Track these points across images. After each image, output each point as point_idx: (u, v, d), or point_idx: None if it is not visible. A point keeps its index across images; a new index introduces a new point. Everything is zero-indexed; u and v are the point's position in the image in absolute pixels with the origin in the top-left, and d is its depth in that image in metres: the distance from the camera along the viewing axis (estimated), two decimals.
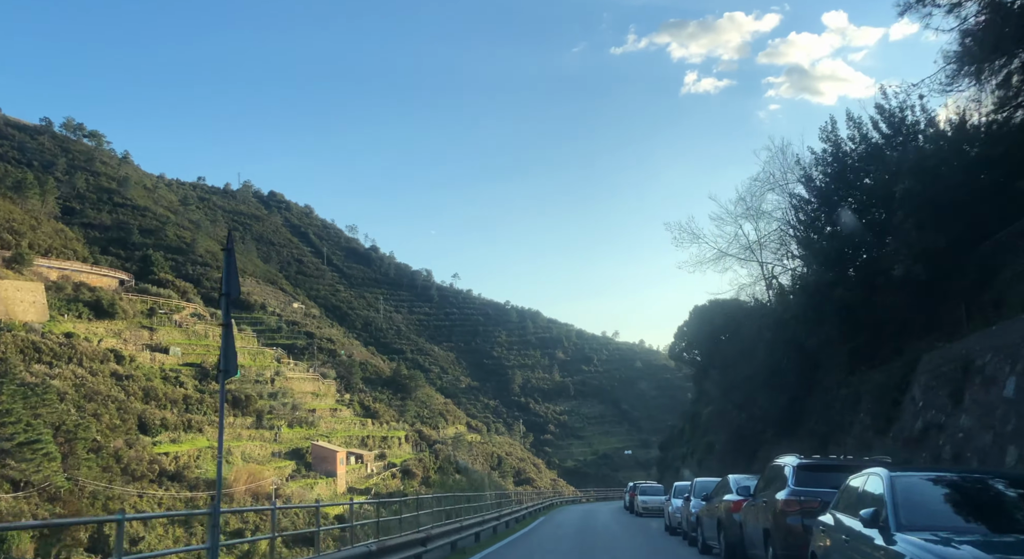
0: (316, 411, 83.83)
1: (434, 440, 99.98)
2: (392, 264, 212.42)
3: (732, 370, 33.10)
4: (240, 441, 67.28)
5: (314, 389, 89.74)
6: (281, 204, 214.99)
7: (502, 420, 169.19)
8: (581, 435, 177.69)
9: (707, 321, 42.73)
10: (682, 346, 49.33)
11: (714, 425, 40.30)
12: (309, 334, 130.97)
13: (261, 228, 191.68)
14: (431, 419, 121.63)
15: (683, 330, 48.62)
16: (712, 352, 41.98)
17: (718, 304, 41.10)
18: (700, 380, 48.03)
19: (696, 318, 46.01)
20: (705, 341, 43.77)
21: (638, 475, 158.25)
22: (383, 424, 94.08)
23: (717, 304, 41.42)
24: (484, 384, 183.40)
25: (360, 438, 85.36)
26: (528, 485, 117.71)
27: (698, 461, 40.65)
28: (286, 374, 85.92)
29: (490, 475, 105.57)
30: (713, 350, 41.42)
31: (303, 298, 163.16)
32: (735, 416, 33.09)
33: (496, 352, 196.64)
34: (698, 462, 40.55)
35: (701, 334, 44.49)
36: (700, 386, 48.70)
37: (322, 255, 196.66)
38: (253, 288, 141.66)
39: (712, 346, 41.88)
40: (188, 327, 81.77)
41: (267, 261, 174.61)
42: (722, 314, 39.99)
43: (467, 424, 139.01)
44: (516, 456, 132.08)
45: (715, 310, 41.58)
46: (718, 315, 40.68)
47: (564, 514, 46.78)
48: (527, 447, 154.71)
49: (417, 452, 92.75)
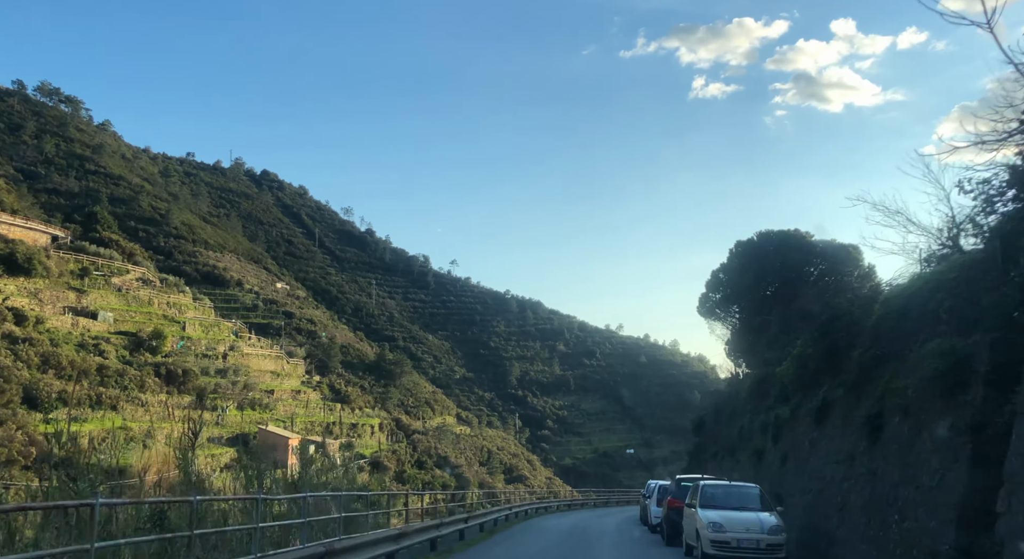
0: (275, 393, 73.96)
1: (414, 430, 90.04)
2: (388, 249, 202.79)
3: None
4: (169, 422, 57.36)
5: (276, 368, 79.90)
6: (274, 183, 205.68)
7: (497, 413, 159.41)
8: (580, 432, 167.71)
9: (757, 261, 32.86)
10: (715, 299, 39.09)
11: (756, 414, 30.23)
12: (288, 314, 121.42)
13: (250, 206, 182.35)
14: (416, 408, 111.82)
15: (719, 277, 38.35)
16: (761, 304, 32.06)
17: (778, 238, 31.15)
18: (739, 347, 37.88)
19: (741, 257, 36.01)
20: (750, 291, 33.81)
21: (639, 477, 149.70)
22: (355, 410, 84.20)
23: (773, 237, 31.49)
24: (479, 375, 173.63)
25: (325, 424, 75.46)
26: (520, 483, 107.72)
27: (737, 460, 30.41)
28: (243, 350, 76.08)
29: (476, 471, 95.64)
30: (763, 302, 31.50)
31: (289, 279, 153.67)
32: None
33: (493, 342, 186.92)
34: (735, 461, 30.31)
35: (745, 282, 34.51)
36: (740, 355, 38.54)
37: (314, 236, 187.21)
38: (232, 264, 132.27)
39: (761, 298, 32.00)
40: (130, 292, 71.99)
41: (254, 240, 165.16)
42: (783, 250, 30.14)
43: (457, 415, 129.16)
44: (509, 451, 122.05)
45: (773, 244, 31.72)
46: (773, 251, 30.76)
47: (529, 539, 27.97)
48: (522, 442, 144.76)
49: (392, 443, 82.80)
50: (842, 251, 33.32)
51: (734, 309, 38.37)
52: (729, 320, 38.76)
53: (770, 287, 35.16)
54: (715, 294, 38.54)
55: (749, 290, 36.41)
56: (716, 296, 38.52)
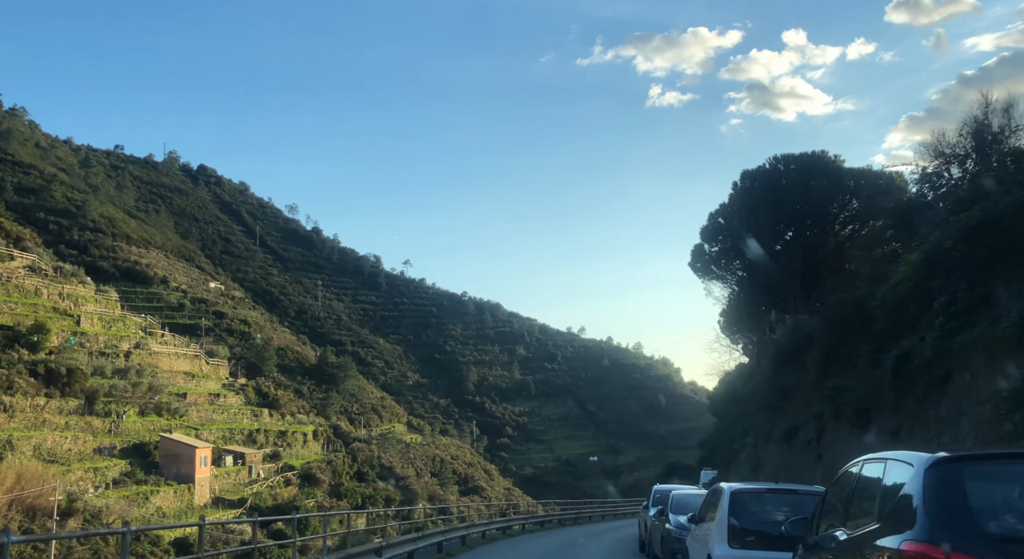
0: (188, 396, 63.22)
1: (354, 438, 79.68)
2: (336, 248, 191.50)
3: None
4: (43, 430, 46.67)
5: (193, 368, 69.07)
6: (211, 179, 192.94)
7: (453, 421, 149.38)
8: (542, 439, 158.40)
9: (771, 197, 24.08)
10: (712, 252, 30.06)
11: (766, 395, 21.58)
12: (219, 314, 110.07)
13: (184, 202, 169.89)
14: (361, 415, 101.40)
15: (717, 222, 29.40)
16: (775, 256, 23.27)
17: (800, 164, 22.38)
18: (742, 314, 28.91)
19: (749, 194, 27.13)
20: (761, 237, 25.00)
21: (603, 485, 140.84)
22: (286, 416, 73.65)
23: (794, 163, 22.69)
24: (434, 381, 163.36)
25: (247, 432, 64.91)
26: (476, 495, 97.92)
27: (757, 457, 21.34)
28: (151, 348, 65.15)
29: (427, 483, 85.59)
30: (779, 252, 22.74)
31: (225, 279, 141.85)
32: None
33: (450, 346, 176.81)
34: (756, 459, 21.23)
35: (754, 225, 25.69)
36: (743, 326, 29.49)
37: (255, 235, 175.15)
38: (158, 261, 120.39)
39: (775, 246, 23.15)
40: (12, 281, 60.66)
41: (187, 237, 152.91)
42: (806, 178, 21.27)
43: (408, 423, 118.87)
44: (464, 460, 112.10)
45: (793, 173, 22.97)
46: (794, 182, 21.93)
47: None
48: (479, 451, 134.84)
49: (328, 452, 72.45)
50: (883, 182, 24.86)
51: (735, 265, 29.55)
52: (730, 278, 29.91)
53: (788, 230, 26.61)
54: (712, 245, 29.71)
55: (759, 235, 27.72)
56: (714, 248, 29.68)
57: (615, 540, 28.44)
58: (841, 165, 27.06)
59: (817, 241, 27.60)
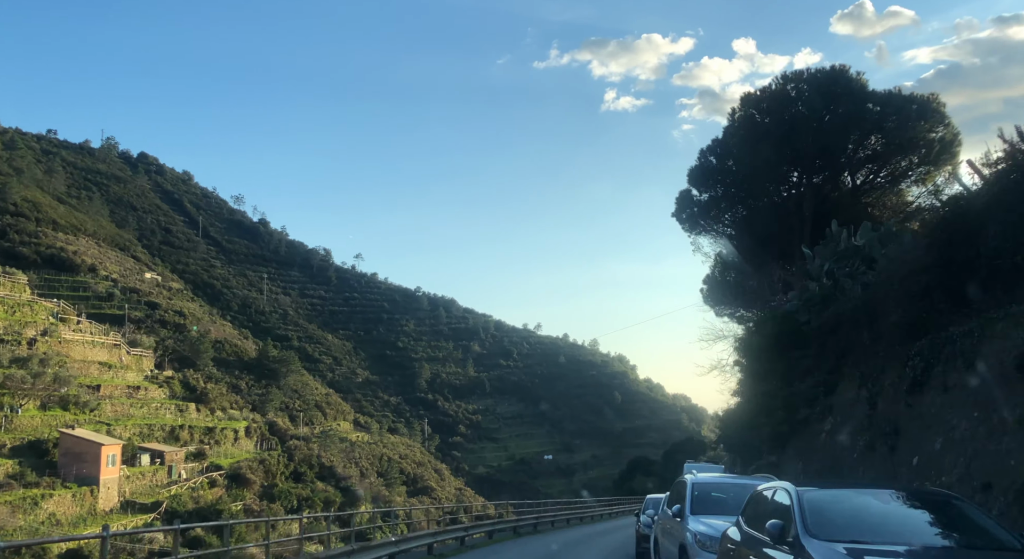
0: (102, 389, 57.16)
1: (292, 435, 74.11)
2: (283, 241, 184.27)
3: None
4: None
5: (112, 359, 62.85)
6: (152, 166, 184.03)
7: (404, 419, 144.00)
8: (496, 437, 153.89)
9: (778, 127, 19.95)
10: (702, 199, 25.50)
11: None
12: (152, 305, 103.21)
13: (121, 190, 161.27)
14: (304, 412, 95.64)
15: (708, 162, 24.91)
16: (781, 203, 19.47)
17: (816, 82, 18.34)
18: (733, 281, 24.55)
19: (750, 123, 22.77)
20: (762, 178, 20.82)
21: (557, 485, 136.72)
22: (216, 412, 67.81)
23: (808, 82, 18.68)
24: (385, 378, 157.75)
25: (170, 428, 59.06)
26: (426, 496, 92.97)
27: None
28: (61, 335, 58.85)
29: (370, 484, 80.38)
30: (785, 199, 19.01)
31: (163, 269, 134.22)
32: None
33: (402, 343, 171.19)
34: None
35: (754, 163, 21.45)
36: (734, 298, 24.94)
37: (197, 226, 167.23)
38: (88, 249, 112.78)
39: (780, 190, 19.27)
40: None
41: (123, 226, 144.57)
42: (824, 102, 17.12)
43: (355, 421, 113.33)
44: (413, 460, 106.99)
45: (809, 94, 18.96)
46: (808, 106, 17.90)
47: None
48: (430, 450, 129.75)
49: (262, 450, 66.84)
50: (916, 107, 20.74)
51: (727, 219, 25.17)
52: (723, 230, 25.53)
53: (796, 169, 22.42)
54: (702, 190, 25.15)
55: (762, 176, 23.32)
56: (703, 195, 25.13)
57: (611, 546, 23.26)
58: (865, 85, 22.52)
59: (830, 184, 23.37)
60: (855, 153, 22.22)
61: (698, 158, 25.35)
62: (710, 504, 11.79)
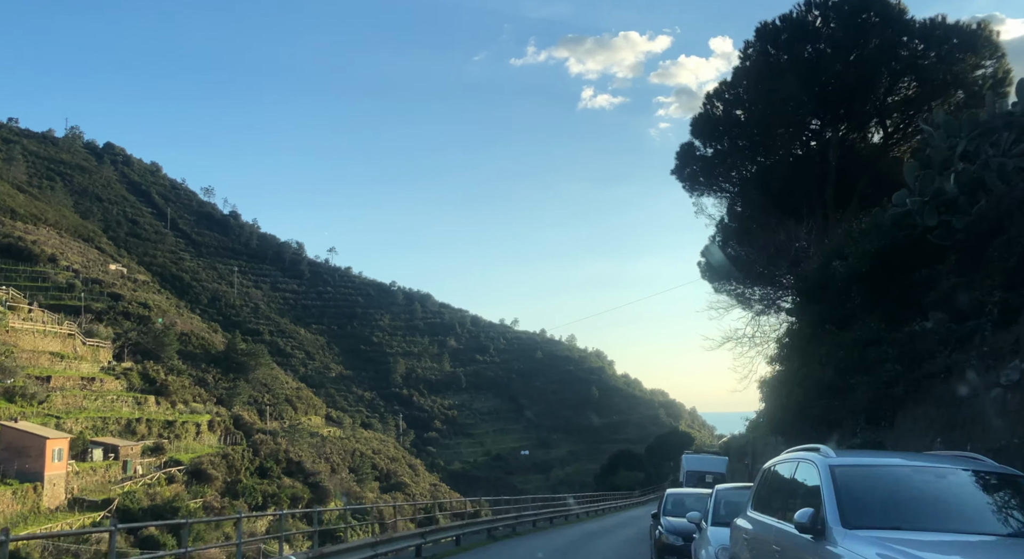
0: (53, 380, 54.03)
1: (258, 430, 71.25)
2: (255, 233, 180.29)
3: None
4: None
5: (65, 349, 59.67)
6: (119, 157, 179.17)
7: (378, 414, 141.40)
8: (472, 433, 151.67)
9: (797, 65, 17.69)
10: (706, 153, 22.59)
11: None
12: (116, 296, 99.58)
13: (86, 181, 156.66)
14: (274, 406, 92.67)
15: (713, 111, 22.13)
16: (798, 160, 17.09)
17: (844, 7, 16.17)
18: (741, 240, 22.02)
19: (765, 59, 20.33)
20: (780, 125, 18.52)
21: (534, 481, 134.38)
22: (177, 405, 64.80)
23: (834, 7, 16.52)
24: (359, 373, 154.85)
25: (126, 422, 56.08)
26: (399, 492, 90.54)
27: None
28: (10, 324, 55.61)
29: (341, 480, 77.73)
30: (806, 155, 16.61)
31: (129, 261, 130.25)
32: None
33: (376, 337, 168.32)
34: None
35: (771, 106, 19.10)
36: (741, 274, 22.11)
37: (166, 217, 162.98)
38: (49, 239, 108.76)
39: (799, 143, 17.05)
40: None
41: (88, 216, 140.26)
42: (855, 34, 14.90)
43: (327, 415, 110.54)
44: (387, 455, 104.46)
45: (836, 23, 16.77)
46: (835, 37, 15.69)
47: None
48: (405, 446, 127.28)
49: (225, 445, 63.96)
50: (960, 40, 18.38)
51: (734, 176, 22.53)
52: (730, 189, 22.83)
53: (819, 114, 20.04)
54: (706, 143, 22.26)
55: (779, 121, 20.74)
56: (707, 149, 22.25)
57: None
58: (904, 12, 19.58)
59: (856, 133, 20.91)
60: (888, 95, 19.64)
61: (704, 103, 22.45)
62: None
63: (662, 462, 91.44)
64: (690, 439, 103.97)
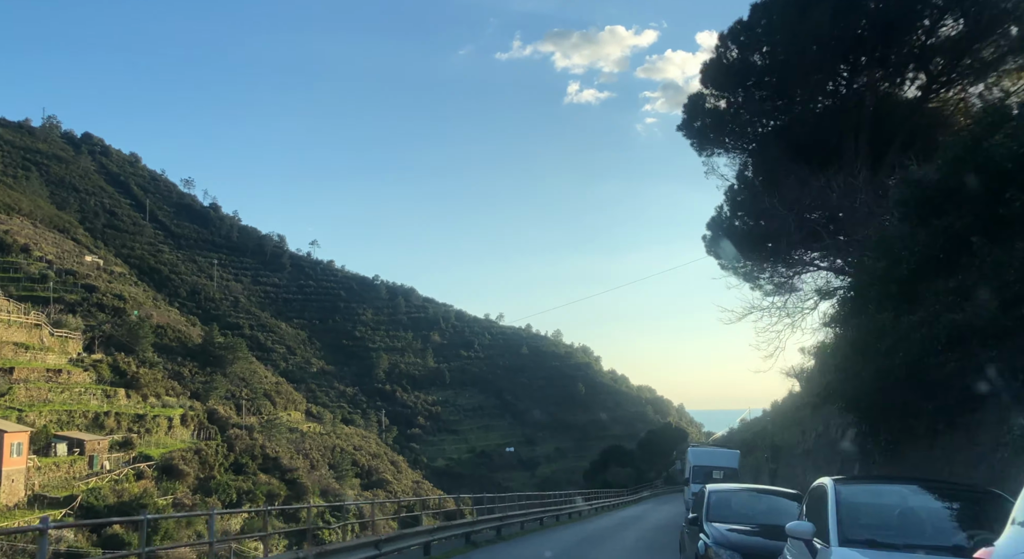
0: (16, 371, 51.65)
1: (233, 424, 69.07)
2: (236, 226, 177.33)
3: None
4: None
5: (30, 340, 57.24)
6: (97, 147, 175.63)
7: (360, 410, 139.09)
8: (456, 429, 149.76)
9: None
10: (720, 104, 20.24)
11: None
12: (90, 288, 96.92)
13: (63, 171, 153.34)
14: (252, 401, 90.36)
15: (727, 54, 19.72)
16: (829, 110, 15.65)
17: None
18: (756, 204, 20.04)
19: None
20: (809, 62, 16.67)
21: (519, 478, 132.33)
22: (149, 398, 62.50)
23: None
24: (341, 368, 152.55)
25: (94, 415, 53.79)
26: (380, 489, 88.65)
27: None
28: None
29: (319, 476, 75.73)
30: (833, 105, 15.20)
31: (106, 253, 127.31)
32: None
33: (359, 332, 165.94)
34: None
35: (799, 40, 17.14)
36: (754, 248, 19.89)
37: (144, 209, 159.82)
38: (22, 229, 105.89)
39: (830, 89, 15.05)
40: None
41: (63, 207, 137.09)
42: None
43: (307, 411, 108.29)
44: (368, 452, 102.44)
45: None
46: None
47: None
48: (387, 442, 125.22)
49: (198, 440, 61.77)
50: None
51: (750, 132, 20.20)
52: (743, 146, 20.51)
53: (850, 58, 17.93)
54: (719, 93, 19.78)
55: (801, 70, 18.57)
56: (719, 101, 19.63)
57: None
58: None
59: (890, 81, 18.83)
60: (928, 37, 17.70)
61: (716, 47, 20.01)
62: None
63: (654, 458, 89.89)
64: (683, 434, 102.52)
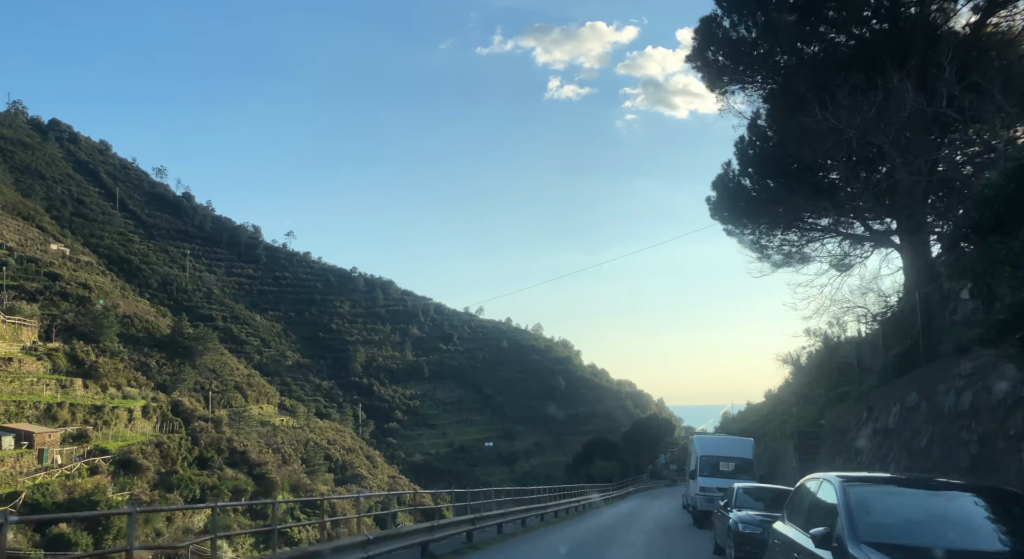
0: None
1: (199, 416, 66.05)
2: (209, 216, 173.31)
3: None
4: None
5: None
6: (64, 134, 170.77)
7: (336, 404, 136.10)
8: (434, 424, 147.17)
9: None
10: (740, 30, 17.52)
11: None
12: (53, 276, 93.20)
13: (29, 157, 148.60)
14: (222, 393, 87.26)
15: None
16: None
17: None
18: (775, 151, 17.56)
19: None
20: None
21: (498, 473, 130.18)
22: (108, 389, 59.38)
23: None
24: (317, 361, 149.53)
25: (45, 406, 50.67)
26: (355, 485, 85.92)
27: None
28: None
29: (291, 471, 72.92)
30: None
31: (73, 242, 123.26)
32: None
33: (336, 325, 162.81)
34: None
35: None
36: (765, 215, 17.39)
37: (114, 198, 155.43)
38: None
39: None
40: None
41: (28, 194, 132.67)
42: None
43: (280, 404, 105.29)
44: (343, 446, 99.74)
45: None
46: None
47: None
48: (364, 436, 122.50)
49: (161, 433, 58.77)
50: None
51: (771, 63, 17.64)
52: (765, 82, 18.01)
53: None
54: (738, 18, 16.79)
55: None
56: (738, 27, 16.34)
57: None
58: None
59: (939, 12, 16.52)
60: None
61: None
62: None
63: (640, 450, 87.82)
64: (670, 426, 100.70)
